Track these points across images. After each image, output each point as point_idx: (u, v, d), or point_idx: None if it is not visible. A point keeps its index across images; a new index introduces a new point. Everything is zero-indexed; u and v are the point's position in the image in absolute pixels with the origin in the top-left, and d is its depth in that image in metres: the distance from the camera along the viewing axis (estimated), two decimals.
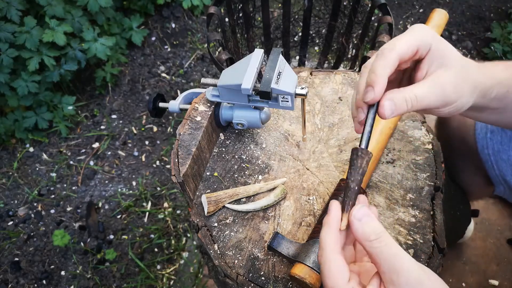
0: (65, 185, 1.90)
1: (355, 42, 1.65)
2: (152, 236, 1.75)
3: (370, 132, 0.58)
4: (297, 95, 0.77)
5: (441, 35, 0.87)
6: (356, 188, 0.54)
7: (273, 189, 0.84)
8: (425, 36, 0.57)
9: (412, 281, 0.45)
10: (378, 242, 0.48)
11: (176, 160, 0.81)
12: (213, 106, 0.87)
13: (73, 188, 1.89)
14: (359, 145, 0.57)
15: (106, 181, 1.91)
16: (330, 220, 0.53)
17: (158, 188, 1.88)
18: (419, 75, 0.59)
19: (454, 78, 0.57)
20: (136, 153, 1.99)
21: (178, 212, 1.81)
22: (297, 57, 1.93)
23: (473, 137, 0.96)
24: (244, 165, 0.88)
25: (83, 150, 1.99)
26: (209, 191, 0.85)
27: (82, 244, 1.74)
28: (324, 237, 0.52)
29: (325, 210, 0.77)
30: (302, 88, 0.77)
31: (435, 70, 0.58)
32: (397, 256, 0.46)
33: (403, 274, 0.45)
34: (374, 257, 0.48)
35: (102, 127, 2.07)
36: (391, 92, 0.56)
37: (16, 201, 1.86)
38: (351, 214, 0.51)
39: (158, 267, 1.69)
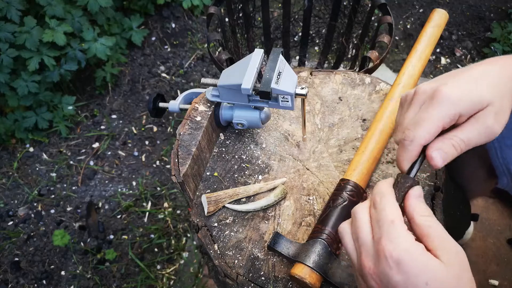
0: (65, 185, 1.90)
1: (355, 42, 1.65)
2: (152, 236, 1.75)
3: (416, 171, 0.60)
4: (297, 95, 0.77)
5: (441, 35, 0.87)
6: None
7: (273, 189, 0.84)
8: (450, 110, 0.56)
9: (457, 250, 0.51)
10: (431, 217, 0.53)
11: (176, 160, 0.81)
12: (213, 106, 0.87)
13: (73, 188, 1.89)
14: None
15: (106, 181, 1.91)
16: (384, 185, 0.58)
17: (158, 188, 1.88)
18: None
19: (493, 111, 0.57)
20: (136, 153, 1.99)
21: (178, 212, 1.81)
22: (297, 57, 1.93)
23: None
24: (244, 165, 0.88)
25: (83, 150, 2.00)
26: (209, 191, 0.85)
27: (82, 244, 1.74)
28: (382, 187, 0.57)
29: (325, 210, 0.77)
30: (302, 88, 0.77)
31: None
32: (445, 231, 0.52)
33: (452, 244, 0.51)
34: (425, 230, 0.52)
35: (102, 127, 2.07)
36: (438, 141, 0.57)
37: (16, 201, 1.86)
38: (410, 192, 0.56)
39: (158, 267, 1.69)
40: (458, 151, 0.57)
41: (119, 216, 1.81)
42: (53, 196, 1.87)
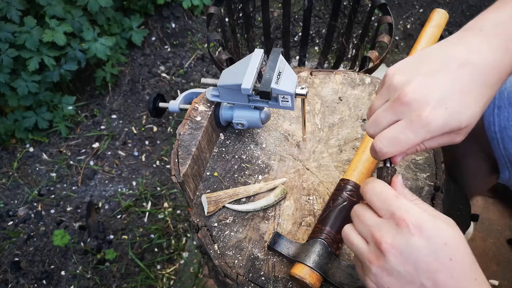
0: (65, 185, 1.90)
1: (355, 42, 1.65)
2: (152, 236, 1.75)
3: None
4: (297, 95, 0.77)
5: (441, 35, 0.87)
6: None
7: (273, 189, 0.84)
8: (427, 137, 0.55)
9: (452, 220, 0.54)
10: (418, 200, 0.56)
11: (176, 160, 0.81)
12: (213, 106, 0.87)
13: (73, 188, 1.89)
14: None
15: (106, 181, 1.91)
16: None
17: (158, 188, 1.88)
18: None
19: (466, 131, 0.57)
20: (136, 153, 1.99)
21: (178, 212, 1.81)
22: (297, 57, 1.93)
23: None
24: (244, 165, 0.88)
25: (83, 150, 2.00)
26: (209, 191, 0.85)
27: (82, 244, 1.75)
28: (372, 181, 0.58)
29: (325, 210, 0.77)
30: (302, 88, 0.77)
31: None
32: (435, 209, 0.55)
33: (446, 216, 0.54)
34: None
35: (102, 127, 2.07)
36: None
37: (16, 201, 1.86)
38: (394, 181, 0.58)
39: (158, 267, 1.69)
40: (418, 151, 0.59)
41: (119, 216, 1.81)
42: (53, 196, 1.87)
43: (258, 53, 0.80)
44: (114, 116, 2.10)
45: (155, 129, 2.07)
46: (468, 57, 0.55)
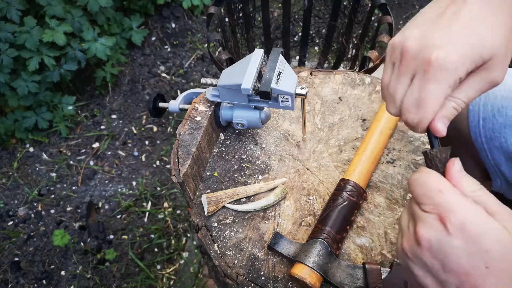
0: (65, 185, 1.90)
1: (355, 42, 1.65)
2: (152, 236, 1.75)
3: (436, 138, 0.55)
4: (297, 95, 0.77)
5: None
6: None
7: (273, 189, 0.84)
8: (451, 80, 0.50)
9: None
10: (481, 191, 0.49)
11: (176, 160, 0.81)
12: (213, 106, 0.87)
13: (73, 188, 1.89)
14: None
15: (106, 181, 1.91)
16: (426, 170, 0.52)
17: (158, 188, 1.88)
18: None
19: (496, 63, 0.50)
20: (136, 153, 1.99)
21: (178, 212, 1.81)
22: (297, 57, 1.93)
23: (466, 125, 0.96)
24: (244, 165, 0.88)
25: (83, 150, 2.00)
26: (209, 191, 0.85)
27: (82, 244, 1.75)
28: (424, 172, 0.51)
29: (325, 210, 0.77)
30: (302, 88, 0.77)
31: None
32: (499, 202, 0.49)
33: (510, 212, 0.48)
34: (480, 203, 0.48)
35: (102, 127, 2.07)
36: (440, 110, 0.52)
37: (16, 201, 1.86)
38: (449, 167, 0.51)
39: (158, 267, 1.69)
40: (459, 111, 0.53)
41: (119, 216, 1.81)
42: (53, 196, 1.87)
43: (258, 53, 0.80)
44: (114, 116, 2.10)
45: (155, 129, 2.07)
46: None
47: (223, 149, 0.91)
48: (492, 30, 0.49)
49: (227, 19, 1.58)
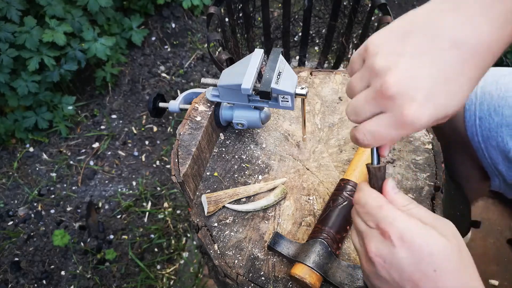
0: (65, 185, 1.90)
1: (355, 42, 1.65)
2: (152, 236, 1.75)
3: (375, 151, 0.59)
4: (297, 95, 0.77)
5: None
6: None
7: (273, 189, 0.84)
8: (410, 132, 0.52)
9: (449, 224, 0.53)
10: (412, 204, 0.54)
11: (176, 160, 0.81)
12: (213, 106, 0.87)
13: (73, 188, 1.89)
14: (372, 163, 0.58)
15: (106, 181, 1.91)
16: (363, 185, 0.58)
17: (158, 188, 1.88)
18: None
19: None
20: (136, 153, 1.99)
21: (178, 212, 1.81)
22: (297, 57, 1.93)
23: (463, 125, 0.96)
24: (244, 165, 0.88)
25: (83, 150, 2.00)
26: (209, 191, 0.85)
27: (82, 244, 1.74)
28: (362, 188, 0.57)
29: (325, 210, 0.77)
30: (302, 88, 0.77)
31: None
32: (430, 212, 0.53)
33: (443, 219, 0.53)
34: (413, 216, 0.52)
35: (102, 127, 2.07)
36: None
37: (16, 201, 1.86)
38: (384, 188, 0.56)
39: (158, 267, 1.69)
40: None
41: (119, 216, 1.81)
42: (53, 196, 1.87)
43: (258, 53, 0.80)
44: (114, 116, 2.10)
45: (155, 129, 2.07)
46: (462, 35, 0.47)
47: (223, 149, 0.91)
48: (463, 88, 0.48)
49: (227, 19, 1.58)
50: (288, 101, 0.78)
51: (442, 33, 0.47)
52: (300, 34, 2.08)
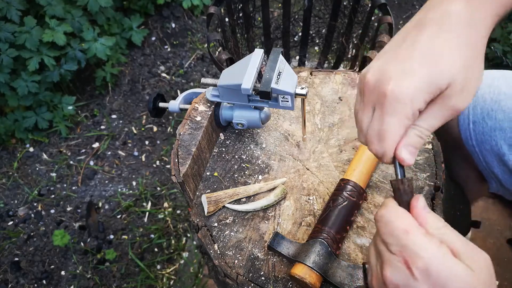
0: (65, 185, 1.90)
1: (355, 42, 1.65)
2: (152, 236, 1.75)
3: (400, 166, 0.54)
4: (297, 95, 0.77)
5: None
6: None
7: (273, 189, 0.84)
8: (407, 112, 0.50)
9: (484, 256, 0.48)
10: (445, 228, 0.48)
11: (176, 160, 0.81)
12: (213, 106, 0.87)
13: (73, 188, 1.89)
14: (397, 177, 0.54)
15: (106, 181, 1.91)
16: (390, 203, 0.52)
17: (158, 188, 1.88)
18: None
19: (456, 90, 0.49)
20: (136, 153, 1.99)
21: (178, 212, 1.81)
22: (297, 57, 1.93)
23: (457, 129, 0.96)
24: (244, 165, 0.88)
25: (83, 150, 2.00)
26: (209, 191, 0.85)
27: (82, 244, 1.74)
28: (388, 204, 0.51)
29: (325, 210, 0.77)
30: (302, 88, 0.77)
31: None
32: (465, 239, 0.48)
33: (477, 250, 0.48)
34: (444, 240, 0.47)
35: (102, 127, 2.07)
36: (403, 137, 0.52)
37: (16, 201, 1.86)
38: (414, 205, 0.50)
39: (158, 267, 1.69)
40: (425, 139, 0.53)
41: (119, 216, 1.81)
42: (53, 196, 1.87)
43: (258, 53, 0.80)
44: (114, 116, 2.10)
45: (155, 129, 2.07)
46: (428, 13, 0.50)
47: (223, 149, 0.91)
48: (450, 55, 0.48)
49: (227, 19, 1.58)
50: (288, 101, 0.78)
51: (411, 21, 0.53)
52: (300, 34, 2.08)
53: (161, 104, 1.05)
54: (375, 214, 0.53)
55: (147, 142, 2.03)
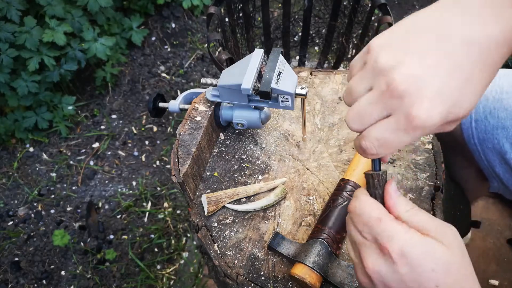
0: (65, 185, 1.90)
1: (355, 42, 1.65)
2: (152, 236, 1.75)
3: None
4: (297, 95, 0.77)
5: None
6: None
7: (273, 189, 0.84)
8: (420, 136, 0.48)
9: (451, 230, 0.50)
10: (415, 209, 0.51)
11: (176, 160, 0.81)
12: (213, 106, 0.87)
13: (73, 188, 1.89)
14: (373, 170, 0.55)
15: (106, 181, 1.91)
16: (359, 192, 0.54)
17: (158, 188, 1.88)
18: None
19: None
20: (136, 153, 1.99)
21: (178, 212, 1.81)
22: (297, 57, 1.93)
23: (459, 127, 0.96)
24: (244, 165, 0.88)
25: (83, 150, 1.99)
26: (209, 191, 0.85)
27: (82, 244, 1.74)
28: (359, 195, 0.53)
29: (325, 210, 0.77)
30: (302, 88, 0.77)
31: None
32: (432, 217, 0.51)
33: (445, 226, 0.50)
34: (415, 223, 0.50)
35: (102, 127, 2.07)
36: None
37: (16, 201, 1.86)
38: (387, 190, 0.52)
39: (158, 267, 1.69)
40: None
41: (119, 216, 1.81)
42: (53, 196, 1.87)
43: (258, 53, 0.80)
44: (114, 116, 2.10)
45: (155, 129, 2.07)
46: (472, 34, 0.44)
47: (223, 149, 0.91)
48: (475, 89, 0.45)
49: (227, 19, 1.58)
50: (288, 101, 0.78)
51: (450, 33, 0.45)
52: (300, 34, 2.08)
53: (161, 104, 1.05)
54: (348, 206, 0.55)
55: (147, 142, 2.03)
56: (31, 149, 1.99)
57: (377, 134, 0.47)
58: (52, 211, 1.83)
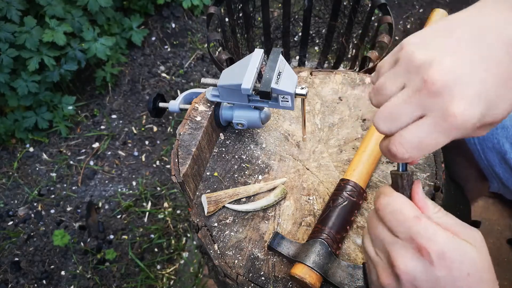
0: (65, 185, 1.90)
1: (355, 42, 1.65)
2: (152, 236, 1.75)
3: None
4: (297, 95, 0.77)
5: None
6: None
7: (273, 189, 0.84)
8: (457, 135, 0.45)
9: (477, 232, 0.49)
10: (441, 212, 0.49)
11: (176, 160, 0.81)
12: (213, 106, 0.87)
13: (73, 188, 1.89)
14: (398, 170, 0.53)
15: (106, 181, 1.91)
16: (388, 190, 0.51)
17: (158, 188, 1.88)
18: None
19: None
20: (136, 153, 1.99)
21: (178, 212, 1.81)
22: (297, 57, 1.93)
23: None
24: (244, 165, 0.88)
25: (83, 150, 1.99)
26: (209, 191, 0.85)
27: (82, 244, 1.75)
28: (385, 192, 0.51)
29: (325, 210, 0.77)
30: (302, 88, 0.77)
31: None
32: (457, 219, 0.49)
33: (471, 228, 0.48)
34: (444, 225, 0.48)
35: (102, 127, 2.07)
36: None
37: (16, 201, 1.86)
38: (415, 191, 0.50)
39: (158, 267, 1.69)
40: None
41: (119, 216, 1.81)
42: (53, 196, 1.87)
43: (258, 53, 0.80)
44: (114, 116, 2.10)
45: (155, 129, 2.07)
46: (507, 30, 0.42)
47: (223, 149, 0.91)
48: (510, 96, 0.43)
49: (227, 19, 1.58)
50: (288, 101, 0.78)
51: (489, 31, 0.43)
52: (300, 34, 2.08)
53: (161, 104, 1.05)
54: (376, 203, 0.51)
55: (147, 142, 2.03)
56: (31, 149, 1.99)
57: (412, 137, 0.44)
58: (52, 211, 1.83)
